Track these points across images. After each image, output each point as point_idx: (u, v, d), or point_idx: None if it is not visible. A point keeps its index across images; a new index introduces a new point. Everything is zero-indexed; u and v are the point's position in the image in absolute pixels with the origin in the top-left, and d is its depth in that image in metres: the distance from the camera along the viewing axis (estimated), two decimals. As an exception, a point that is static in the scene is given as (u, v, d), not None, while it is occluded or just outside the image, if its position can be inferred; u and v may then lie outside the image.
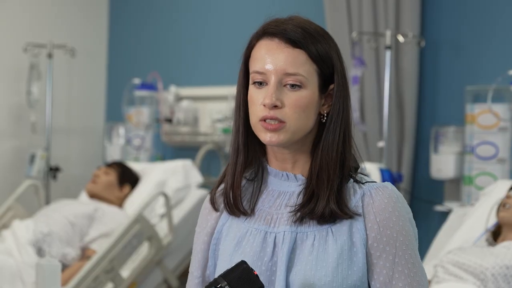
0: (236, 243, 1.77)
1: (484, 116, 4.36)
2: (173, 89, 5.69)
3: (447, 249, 3.83)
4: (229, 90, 5.33)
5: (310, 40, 1.70)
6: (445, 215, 4.46)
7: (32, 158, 5.60)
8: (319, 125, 1.76)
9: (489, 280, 3.32)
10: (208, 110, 5.56)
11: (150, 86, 5.70)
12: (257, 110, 1.72)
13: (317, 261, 1.69)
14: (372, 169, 4.29)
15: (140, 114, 5.70)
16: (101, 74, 6.36)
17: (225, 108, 5.41)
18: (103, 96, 6.37)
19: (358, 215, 1.71)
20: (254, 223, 1.77)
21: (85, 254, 4.59)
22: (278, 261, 1.72)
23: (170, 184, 4.98)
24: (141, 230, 4.51)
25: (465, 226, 3.97)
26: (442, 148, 4.59)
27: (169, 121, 5.61)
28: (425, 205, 4.60)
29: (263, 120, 1.71)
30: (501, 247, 3.48)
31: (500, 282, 3.32)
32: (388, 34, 4.58)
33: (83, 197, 5.10)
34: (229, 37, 5.61)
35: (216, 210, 1.84)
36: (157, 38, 6.07)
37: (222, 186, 1.83)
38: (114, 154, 5.79)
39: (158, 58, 6.02)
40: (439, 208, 4.60)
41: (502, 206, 3.66)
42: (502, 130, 4.34)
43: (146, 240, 4.58)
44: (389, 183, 1.76)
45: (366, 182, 1.76)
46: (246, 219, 1.79)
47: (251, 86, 1.74)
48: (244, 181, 1.81)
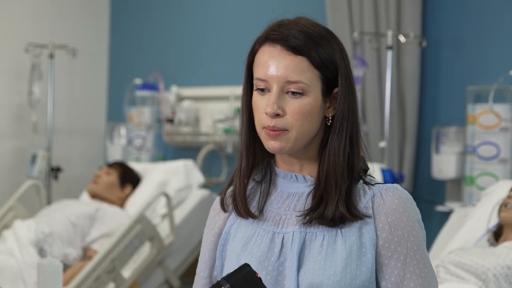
0: (243, 244, 1.77)
1: (485, 116, 4.36)
2: (174, 89, 5.69)
3: (449, 249, 3.83)
4: (230, 91, 5.33)
5: (312, 46, 1.69)
6: (446, 216, 4.46)
7: (33, 158, 5.60)
8: (326, 127, 1.75)
9: (490, 280, 3.31)
10: (209, 110, 5.55)
11: (152, 86, 5.70)
12: (260, 118, 1.72)
13: (325, 260, 1.69)
14: (373, 169, 4.29)
15: (141, 114, 5.70)
16: (102, 74, 6.36)
17: (226, 108, 5.41)
18: (105, 96, 6.37)
19: (368, 217, 1.71)
20: (263, 224, 1.78)
21: (86, 254, 4.59)
22: (286, 261, 1.72)
23: (172, 184, 4.98)
24: (142, 230, 4.51)
25: (466, 227, 3.96)
26: (443, 148, 4.59)
27: (170, 121, 5.60)
28: (426, 205, 4.60)
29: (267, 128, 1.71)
30: (502, 247, 3.48)
31: (501, 282, 3.32)
32: (389, 34, 4.58)
33: (85, 197, 5.10)
34: (230, 37, 5.61)
35: (225, 211, 1.84)
36: (158, 38, 6.07)
37: (232, 187, 1.83)
38: (115, 154, 5.80)
39: (159, 58, 6.02)
40: (441, 208, 4.60)
41: (503, 206, 3.66)
42: (503, 130, 4.34)
43: (147, 240, 4.58)
44: (398, 185, 1.76)
45: (375, 184, 1.75)
46: (255, 221, 1.79)
47: (255, 92, 1.74)
48: (253, 183, 1.81)
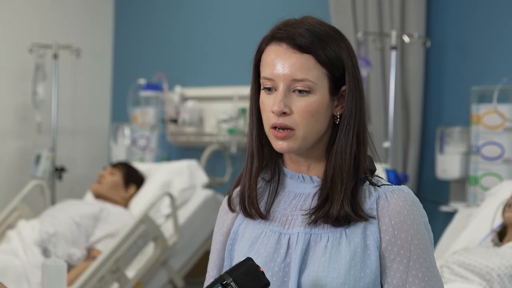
0: (250, 244, 1.77)
1: (489, 116, 4.36)
2: (178, 89, 5.69)
3: (453, 249, 3.83)
4: (234, 91, 5.33)
5: (319, 44, 1.69)
6: (450, 216, 4.46)
7: (37, 159, 5.60)
8: (333, 126, 1.74)
9: (495, 280, 3.31)
10: (213, 110, 5.55)
11: (156, 87, 5.70)
12: (268, 117, 1.71)
13: (329, 262, 1.68)
14: (377, 169, 4.28)
15: (145, 115, 5.71)
16: (106, 75, 6.36)
17: (230, 108, 5.41)
18: (109, 96, 6.38)
19: (373, 218, 1.70)
20: (269, 225, 1.77)
21: (90, 254, 4.59)
22: (291, 262, 1.71)
23: (176, 184, 4.98)
24: (146, 230, 4.51)
25: (470, 227, 3.96)
26: (447, 148, 4.59)
27: (174, 121, 5.60)
28: (430, 205, 4.59)
29: (274, 128, 1.71)
30: (506, 248, 3.48)
31: (506, 282, 3.32)
32: (393, 34, 4.58)
33: (89, 197, 5.11)
34: (234, 37, 5.61)
35: (232, 211, 1.84)
36: (162, 39, 6.07)
37: (240, 187, 1.83)
38: (119, 154, 5.80)
39: (163, 59, 6.02)
40: (445, 208, 4.60)
41: (507, 206, 3.66)
42: (507, 131, 4.33)
43: (151, 240, 4.58)
44: (405, 187, 1.74)
45: (382, 185, 1.75)
46: (262, 221, 1.78)
47: (262, 92, 1.73)
48: (261, 182, 1.81)
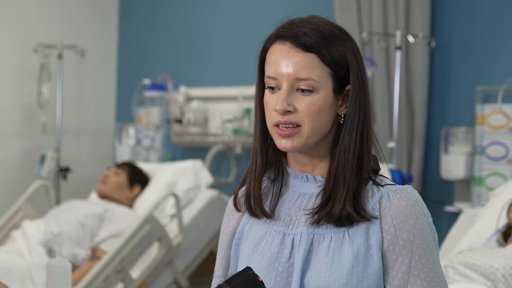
0: (255, 244, 1.77)
1: (494, 116, 4.36)
2: (183, 89, 5.69)
3: (457, 250, 3.82)
4: (239, 91, 5.33)
5: (323, 43, 1.68)
6: (455, 216, 4.45)
7: (42, 159, 5.60)
8: (338, 125, 1.74)
9: (499, 280, 3.31)
10: (218, 110, 5.55)
11: (160, 87, 5.71)
12: (271, 115, 1.71)
13: (332, 263, 1.67)
14: (382, 169, 4.28)
15: (150, 115, 5.71)
16: (111, 75, 6.37)
17: (235, 108, 5.40)
18: (113, 96, 6.38)
19: (375, 218, 1.69)
20: (274, 225, 1.77)
21: (95, 254, 4.59)
22: (295, 262, 1.71)
23: (180, 184, 4.98)
24: (151, 230, 4.51)
25: (475, 227, 3.96)
26: (452, 148, 4.58)
27: (179, 121, 5.61)
28: (435, 205, 4.59)
29: (277, 125, 1.70)
30: (511, 248, 3.47)
31: (510, 282, 3.31)
32: (398, 34, 4.58)
33: (93, 197, 5.11)
34: (239, 37, 5.61)
35: (238, 210, 1.83)
36: (167, 39, 6.07)
37: (245, 186, 1.83)
38: (124, 154, 5.80)
39: (168, 59, 6.02)
40: (449, 208, 4.59)
41: (512, 206, 3.66)
42: (512, 131, 4.33)
43: (156, 240, 4.58)
44: (409, 186, 1.73)
45: (385, 185, 1.74)
46: (267, 220, 1.78)
47: (266, 91, 1.73)
48: (266, 181, 1.81)
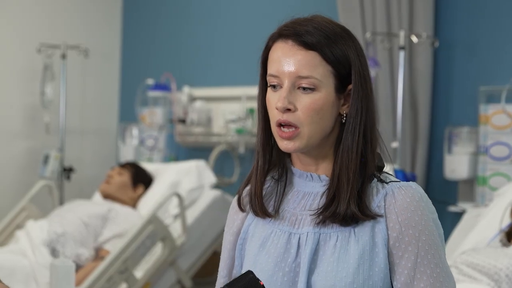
0: (260, 244, 1.77)
1: (498, 116, 4.35)
2: (186, 89, 5.69)
3: (461, 249, 3.82)
4: (242, 91, 5.34)
5: (325, 41, 1.68)
6: (459, 216, 4.45)
7: (46, 159, 5.61)
8: (341, 125, 1.73)
9: (503, 280, 3.31)
10: (221, 110, 5.55)
11: (164, 87, 5.71)
12: (273, 114, 1.71)
13: (338, 262, 1.67)
14: (386, 169, 4.27)
15: (153, 115, 5.71)
16: (114, 75, 6.37)
17: (238, 108, 5.41)
18: (117, 96, 6.39)
19: (380, 216, 1.69)
20: (279, 224, 1.76)
21: (98, 254, 4.60)
22: (301, 262, 1.71)
23: (184, 184, 4.98)
24: (154, 230, 4.51)
25: (479, 227, 3.96)
26: (456, 148, 4.58)
27: (182, 121, 5.61)
28: (438, 205, 4.54)
29: (279, 126, 1.70)
30: (515, 248, 3.47)
31: (514, 283, 3.31)
32: (401, 34, 4.57)
33: (97, 197, 5.11)
34: (242, 37, 5.61)
35: (242, 210, 1.83)
36: (170, 39, 6.07)
37: (249, 186, 1.82)
38: (127, 154, 5.81)
39: (171, 59, 6.02)
40: (453, 208, 4.59)
41: (516, 207, 3.65)
42: (516, 131, 4.33)
43: (159, 240, 4.58)
44: (414, 183, 1.73)
45: (390, 182, 1.74)
46: (271, 220, 1.78)
47: (268, 89, 1.73)
48: (270, 181, 1.80)
